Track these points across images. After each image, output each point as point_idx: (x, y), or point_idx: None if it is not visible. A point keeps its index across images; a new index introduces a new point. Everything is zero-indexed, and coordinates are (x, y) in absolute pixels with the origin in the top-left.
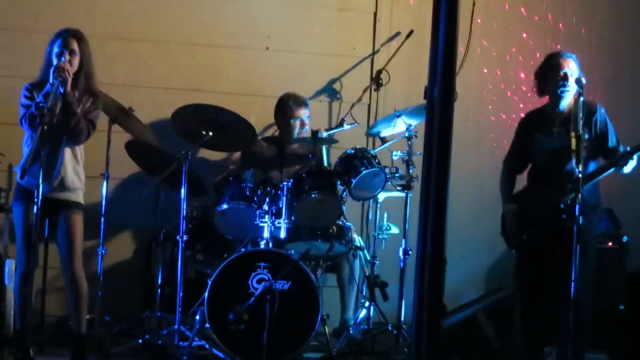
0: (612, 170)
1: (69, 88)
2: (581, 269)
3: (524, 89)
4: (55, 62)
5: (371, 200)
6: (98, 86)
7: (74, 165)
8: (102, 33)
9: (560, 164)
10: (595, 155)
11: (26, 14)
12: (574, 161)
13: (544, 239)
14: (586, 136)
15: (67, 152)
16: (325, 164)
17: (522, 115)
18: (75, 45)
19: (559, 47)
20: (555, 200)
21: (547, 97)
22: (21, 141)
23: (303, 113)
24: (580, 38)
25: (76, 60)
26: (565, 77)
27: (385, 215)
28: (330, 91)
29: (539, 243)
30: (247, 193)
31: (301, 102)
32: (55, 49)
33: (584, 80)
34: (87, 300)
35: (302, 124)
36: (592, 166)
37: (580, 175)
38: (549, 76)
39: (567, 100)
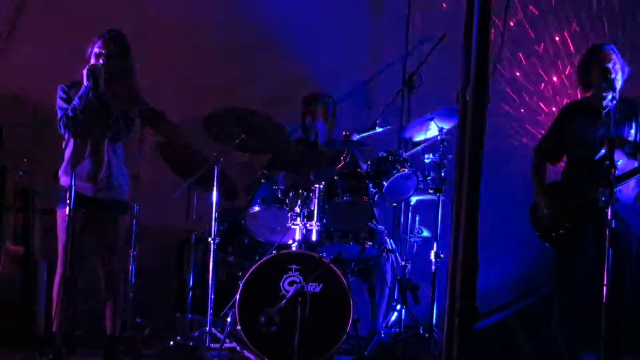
0: None
1: (102, 88)
2: (625, 274)
3: (556, 91)
4: (92, 62)
5: (403, 204)
6: (139, 90)
7: (117, 164)
8: (134, 33)
9: (599, 153)
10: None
11: (58, 20)
12: (615, 153)
13: (582, 233)
14: (631, 132)
15: (110, 151)
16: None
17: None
18: (113, 47)
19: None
20: (594, 193)
21: (591, 91)
22: (53, 144)
23: (315, 107)
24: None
25: (113, 61)
26: (608, 70)
27: (417, 218)
28: (362, 94)
29: (577, 237)
30: (279, 195)
31: (314, 95)
32: (95, 50)
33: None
34: (122, 301)
35: (315, 117)
36: (632, 163)
37: (612, 179)
38: (591, 69)
39: (611, 95)
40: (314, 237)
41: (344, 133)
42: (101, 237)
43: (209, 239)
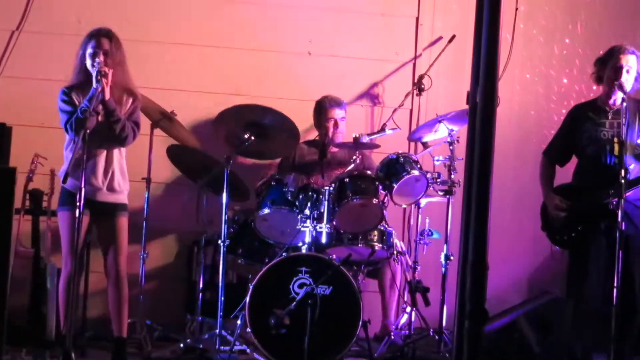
0: None
1: (107, 96)
2: (635, 276)
3: (566, 93)
4: (89, 63)
5: (413, 205)
6: (135, 87)
7: (120, 167)
8: (143, 37)
9: (608, 155)
10: None
11: (67, 18)
12: (625, 157)
13: (594, 236)
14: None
15: (114, 153)
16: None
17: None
18: (108, 45)
19: (601, 52)
20: (605, 196)
21: (601, 88)
22: (62, 145)
23: (336, 113)
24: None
25: (110, 60)
26: (621, 71)
27: (427, 220)
28: (371, 96)
29: (589, 240)
30: (289, 197)
31: (334, 103)
32: (89, 50)
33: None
34: (127, 303)
35: (336, 124)
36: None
37: (623, 181)
38: (607, 66)
39: (620, 95)
40: (323, 239)
41: (353, 135)
42: (105, 240)
43: (219, 241)
